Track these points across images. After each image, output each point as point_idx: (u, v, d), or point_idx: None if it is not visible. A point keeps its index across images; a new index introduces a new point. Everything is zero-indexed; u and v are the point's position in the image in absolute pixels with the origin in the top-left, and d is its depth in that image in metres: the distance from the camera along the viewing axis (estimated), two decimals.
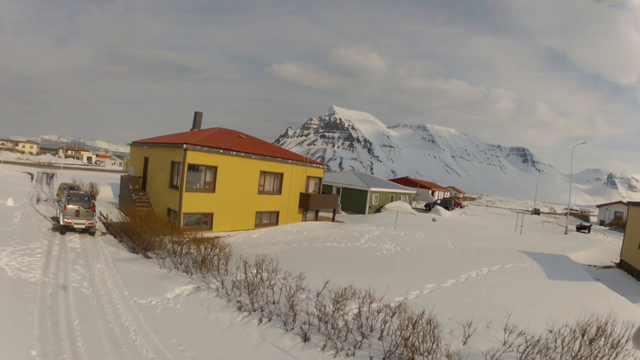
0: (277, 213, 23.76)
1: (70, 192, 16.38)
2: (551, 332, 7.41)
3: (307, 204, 25.23)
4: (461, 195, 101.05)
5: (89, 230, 15.59)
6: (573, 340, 6.87)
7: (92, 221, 15.70)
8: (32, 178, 36.43)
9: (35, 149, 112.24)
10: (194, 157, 17.98)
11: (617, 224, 51.87)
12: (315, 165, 26.69)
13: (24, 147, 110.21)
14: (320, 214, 28.47)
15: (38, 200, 23.45)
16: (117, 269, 10.87)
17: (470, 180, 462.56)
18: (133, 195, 21.19)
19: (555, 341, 7.04)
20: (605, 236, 39.08)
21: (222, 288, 9.38)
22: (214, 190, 19.24)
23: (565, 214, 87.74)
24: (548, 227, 44.87)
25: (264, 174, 22.15)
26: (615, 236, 37.75)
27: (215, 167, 19.12)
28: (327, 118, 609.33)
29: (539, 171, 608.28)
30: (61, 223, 15.23)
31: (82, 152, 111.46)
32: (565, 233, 37.36)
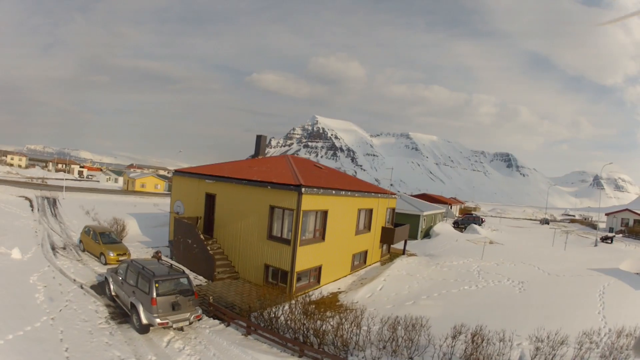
0: (366, 252, 21.46)
1: (157, 276, 10.47)
2: None
3: (391, 239, 23.01)
4: (462, 206, 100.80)
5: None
6: None
7: (199, 313, 10.80)
8: (31, 206, 29.99)
9: (24, 162, 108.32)
10: (309, 202, 15.27)
11: (631, 231, 52.09)
12: (392, 195, 24.53)
13: (12, 159, 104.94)
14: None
15: (53, 248, 17.78)
16: None
17: (454, 187, 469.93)
18: (208, 248, 17.00)
19: None
20: (626, 245, 39.11)
21: None
22: (323, 238, 16.62)
23: (571, 221, 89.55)
24: (573, 239, 44.15)
25: (359, 211, 19.78)
26: (635, 245, 38.73)
27: (326, 212, 16.56)
28: (310, 128, 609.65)
29: (524, 175, 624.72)
30: (144, 322, 10.12)
31: (72, 166, 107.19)
32: (595, 245, 37.40)
